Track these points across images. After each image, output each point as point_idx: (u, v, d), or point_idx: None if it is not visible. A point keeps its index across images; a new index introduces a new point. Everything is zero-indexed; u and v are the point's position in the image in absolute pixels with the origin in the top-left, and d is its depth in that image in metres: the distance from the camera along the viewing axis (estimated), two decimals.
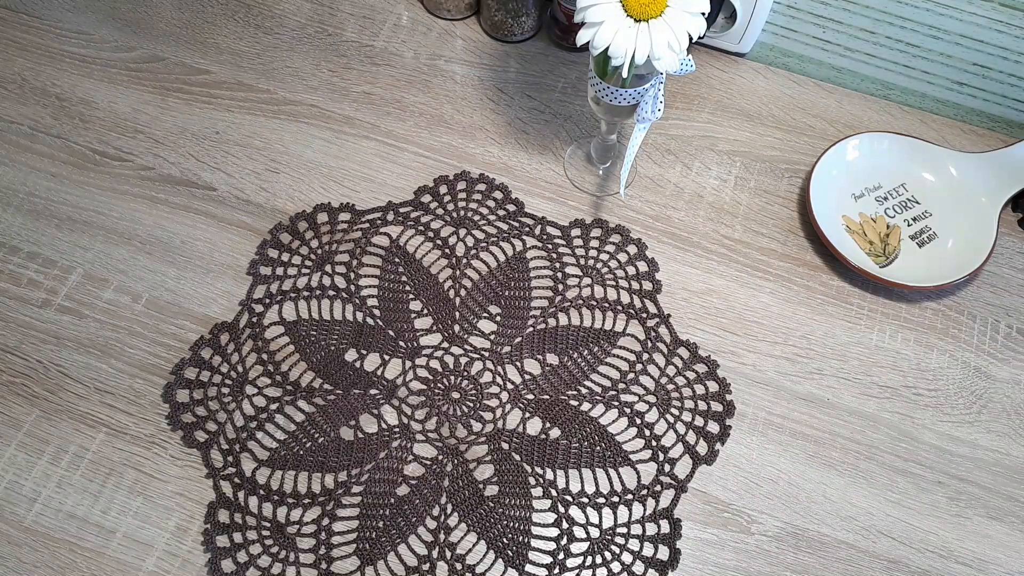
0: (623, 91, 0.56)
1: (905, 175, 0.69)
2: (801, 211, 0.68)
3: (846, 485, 0.57)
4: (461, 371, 0.60)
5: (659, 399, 0.59)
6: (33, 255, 0.63)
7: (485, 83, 0.73)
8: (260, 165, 0.68)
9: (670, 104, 0.73)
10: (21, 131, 0.69)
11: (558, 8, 0.73)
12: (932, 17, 0.68)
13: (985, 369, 0.62)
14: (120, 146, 0.68)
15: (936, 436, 0.59)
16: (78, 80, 0.72)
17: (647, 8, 0.50)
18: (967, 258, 0.64)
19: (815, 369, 0.61)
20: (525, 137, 0.71)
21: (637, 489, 0.56)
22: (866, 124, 0.73)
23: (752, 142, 0.72)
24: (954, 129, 0.74)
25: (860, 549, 0.55)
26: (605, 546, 0.54)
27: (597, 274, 0.64)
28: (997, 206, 0.66)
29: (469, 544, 0.53)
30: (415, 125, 0.71)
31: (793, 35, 0.74)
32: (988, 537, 0.55)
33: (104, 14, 0.76)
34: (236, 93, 0.72)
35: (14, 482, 0.54)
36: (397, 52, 0.75)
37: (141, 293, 0.61)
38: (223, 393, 0.57)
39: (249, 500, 0.54)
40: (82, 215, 0.65)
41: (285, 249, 0.64)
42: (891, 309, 0.64)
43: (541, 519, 0.54)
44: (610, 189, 0.68)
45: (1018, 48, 0.68)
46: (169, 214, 0.65)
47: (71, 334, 0.59)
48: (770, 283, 0.65)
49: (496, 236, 0.65)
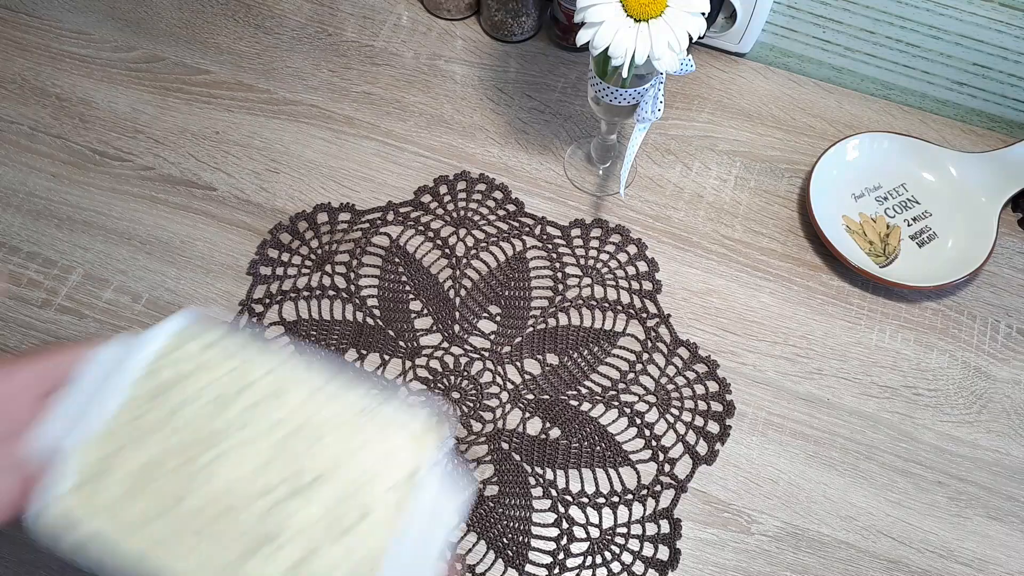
0: (623, 91, 0.56)
1: (905, 175, 0.69)
2: (801, 211, 0.68)
3: (846, 485, 0.57)
4: (461, 371, 0.60)
5: (659, 399, 0.59)
6: (33, 255, 0.63)
7: (485, 83, 0.74)
8: (260, 165, 0.68)
9: (670, 104, 0.73)
10: (21, 131, 0.69)
11: (558, 8, 0.73)
12: (932, 17, 0.68)
13: (985, 369, 0.62)
14: (120, 146, 0.68)
15: (936, 436, 0.59)
16: (78, 80, 0.72)
17: (647, 8, 0.50)
18: (967, 258, 0.64)
19: (815, 369, 0.61)
20: (525, 137, 0.71)
21: (637, 489, 0.56)
22: (866, 124, 0.73)
23: (752, 142, 0.72)
24: (954, 129, 0.74)
25: (860, 549, 0.55)
26: (605, 546, 0.54)
27: (597, 274, 0.64)
28: (997, 206, 0.66)
29: (469, 544, 0.53)
30: (415, 125, 0.71)
31: (793, 35, 0.74)
32: (988, 537, 0.55)
33: (104, 14, 0.76)
34: (236, 93, 0.72)
35: None
36: (397, 52, 0.75)
37: (141, 293, 0.61)
38: None
39: None
40: (82, 215, 0.65)
41: (285, 249, 0.64)
42: (891, 309, 0.64)
43: (541, 519, 0.54)
44: (610, 189, 0.68)
45: (1018, 48, 0.68)
46: (169, 214, 0.65)
47: (71, 334, 0.59)
48: (770, 283, 0.65)
49: (496, 236, 0.65)
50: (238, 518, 0.40)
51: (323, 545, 0.39)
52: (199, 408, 0.41)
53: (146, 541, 0.39)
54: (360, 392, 0.43)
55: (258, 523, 0.39)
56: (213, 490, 0.40)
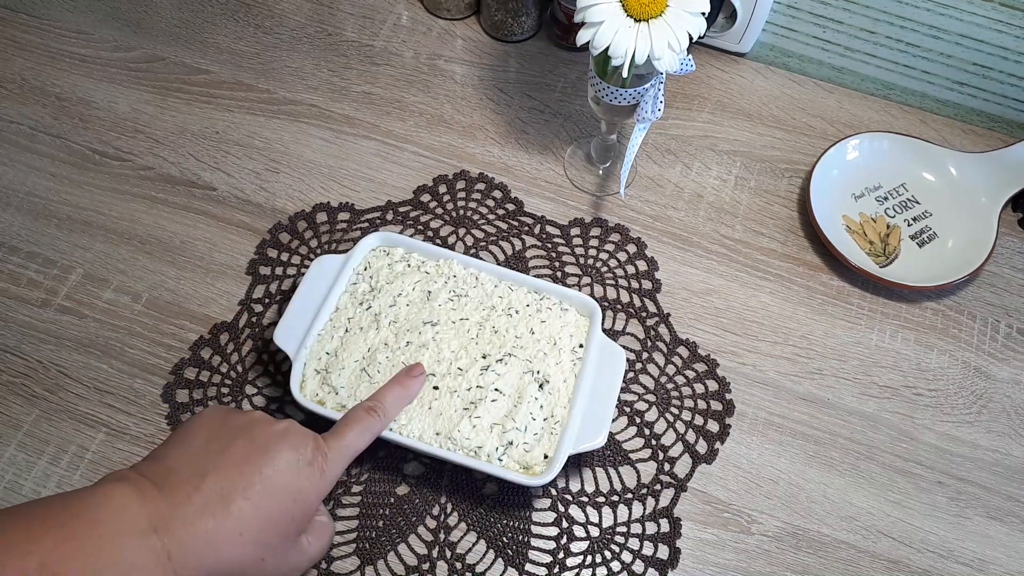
0: (623, 91, 0.56)
1: (905, 175, 0.69)
2: (801, 211, 0.68)
3: (846, 485, 0.57)
4: None
5: (659, 398, 0.59)
6: (33, 255, 0.63)
7: (485, 83, 0.73)
8: (260, 165, 0.68)
9: (670, 104, 0.73)
10: (21, 131, 0.69)
11: (558, 8, 0.73)
12: (932, 17, 0.68)
13: (985, 369, 0.62)
14: (120, 146, 0.68)
15: (936, 436, 0.59)
16: (78, 80, 0.72)
17: (647, 8, 0.50)
18: (967, 258, 0.64)
19: (815, 369, 0.61)
20: (525, 137, 0.71)
21: (637, 488, 0.56)
22: (866, 124, 0.73)
23: (752, 142, 0.72)
24: (954, 129, 0.74)
25: (860, 549, 0.55)
26: (605, 545, 0.54)
27: (596, 273, 0.64)
28: (997, 206, 0.66)
29: (469, 543, 0.53)
30: (415, 125, 0.71)
31: (793, 35, 0.74)
32: (988, 537, 0.55)
33: (104, 14, 0.76)
34: (236, 93, 0.72)
35: (14, 482, 0.54)
36: (397, 52, 0.75)
37: (141, 293, 0.61)
38: (223, 393, 0.57)
39: None
40: (82, 215, 0.65)
41: (285, 249, 0.64)
42: (891, 309, 0.64)
43: (541, 518, 0.54)
44: (610, 189, 0.68)
45: (1018, 48, 0.68)
46: (169, 214, 0.65)
47: (71, 334, 0.59)
48: (770, 283, 0.65)
49: (495, 235, 0.65)
50: (452, 383, 0.52)
51: (520, 404, 0.51)
52: (408, 304, 0.55)
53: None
54: (530, 282, 0.57)
55: (467, 389, 0.52)
56: (435, 359, 0.53)
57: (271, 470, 0.41)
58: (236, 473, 0.40)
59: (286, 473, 0.42)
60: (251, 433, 0.43)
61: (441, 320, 0.54)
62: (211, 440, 0.42)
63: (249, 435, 0.42)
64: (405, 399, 0.50)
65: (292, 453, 0.42)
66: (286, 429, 0.44)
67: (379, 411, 0.48)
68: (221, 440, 0.42)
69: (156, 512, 0.38)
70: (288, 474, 0.42)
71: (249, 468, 0.41)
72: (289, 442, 0.43)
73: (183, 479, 0.40)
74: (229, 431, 0.43)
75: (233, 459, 0.41)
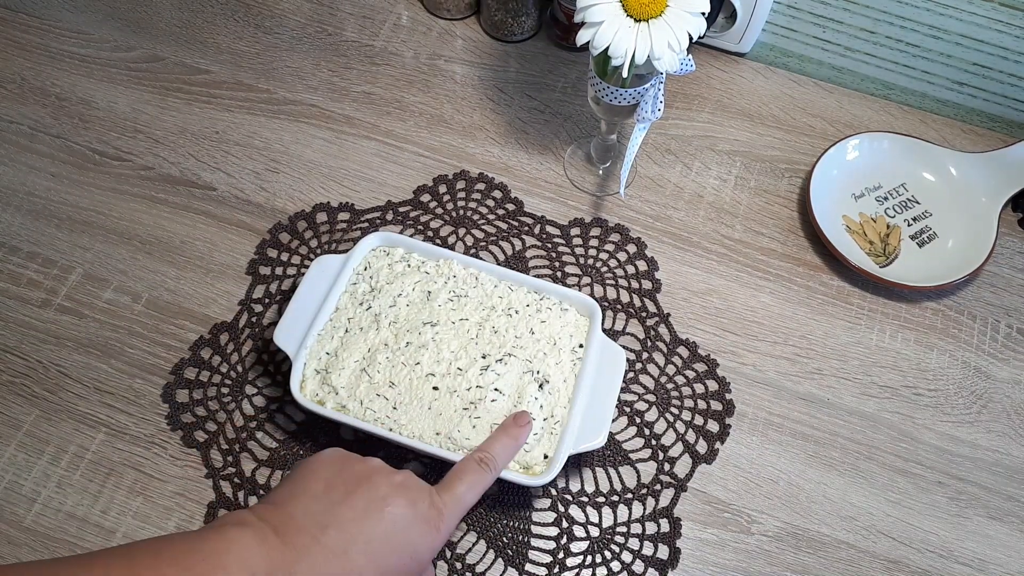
0: (623, 91, 0.56)
1: (905, 175, 0.69)
2: (801, 211, 0.68)
3: (846, 485, 0.57)
4: None
5: (659, 398, 0.59)
6: (33, 255, 0.63)
7: (485, 83, 0.73)
8: (260, 165, 0.68)
9: (670, 104, 0.73)
10: (21, 131, 0.69)
11: (558, 8, 0.73)
12: (932, 17, 0.68)
13: (985, 369, 0.62)
14: (120, 146, 0.68)
15: (936, 436, 0.59)
16: (78, 80, 0.72)
17: (647, 8, 0.50)
18: (967, 258, 0.64)
19: (815, 369, 0.61)
20: (525, 137, 0.71)
21: (637, 488, 0.56)
22: (866, 124, 0.73)
23: (752, 142, 0.72)
24: (954, 129, 0.74)
25: (860, 549, 0.55)
26: (605, 545, 0.54)
27: (596, 273, 0.64)
28: (997, 206, 0.66)
29: (469, 543, 0.53)
30: (415, 125, 0.71)
31: (793, 35, 0.74)
32: (988, 537, 0.55)
33: (104, 14, 0.76)
34: (236, 93, 0.72)
35: (14, 482, 0.54)
36: (397, 52, 0.75)
37: (141, 293, 0.61)
38: (223, 393, 0.57)
39: (249, 500, 0.54)
40: (82, 215, 0.65)
41: (285, 249, 0.64)
42: (891, 309, 0.64)
43: (541, 518, 0.54)
44: (610, 189, 0.68)
45: (1018, 48, 0.68)
46: (169, 214, 0.65)
47: (71, 334, 0.59)
48: (770, 283, 0.65)
49: (495, 235, 0.65)
50: (452, 383, 0.52)
51: (520, 404, 0.51)
52: (408, 304, 0.55)
53: (381, 409, 0.51)
54: (530, 282, 0.56)
55: (467, 389, 0.52)
56: (434, 359, 0.53)
57: (390, 526, 0.41)
58: (355, 528, 0.40)
59: (404, 529, 0.42)
60: (370, 484, 0.42)
61: (441, 320, 0.54)
62: (330, 488, 0.42)
63: (369, 486, 0.42)
64: (514, 448, 0.49)
65: (410, 509, 0.42)
66: (403, 482, 0.43)
67: (490, 463, 0.47)
68: (340, 490, 0.42)
69: (277, 561, 0.38)
70: (406, 530, 0.42)
71: (369, 523, 0.41)
72: (408, 497, 0.42)
73: (303, 528, 0.39)
74: (348, 480, 0.42)
75: (353, 512, 0.41)
